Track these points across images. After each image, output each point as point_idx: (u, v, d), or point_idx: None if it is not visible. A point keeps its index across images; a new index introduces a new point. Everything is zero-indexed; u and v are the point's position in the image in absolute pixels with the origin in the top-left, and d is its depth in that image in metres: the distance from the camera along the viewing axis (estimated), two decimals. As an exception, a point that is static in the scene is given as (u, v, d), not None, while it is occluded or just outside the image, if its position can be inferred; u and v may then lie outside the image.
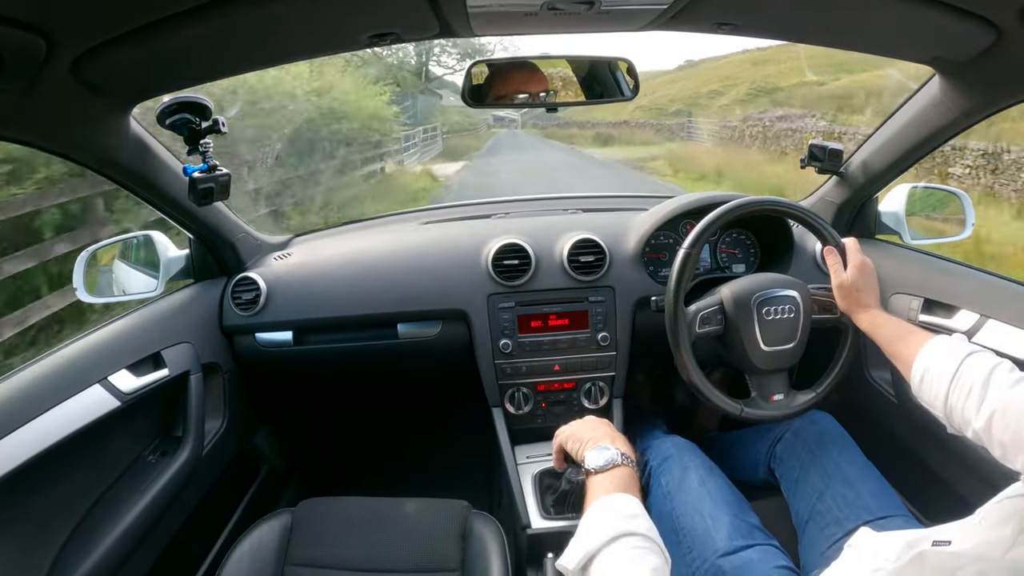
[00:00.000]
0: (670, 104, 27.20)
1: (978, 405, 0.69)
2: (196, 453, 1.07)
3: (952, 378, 0.73)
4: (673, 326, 0.98)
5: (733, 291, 1.00)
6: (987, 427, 0.67)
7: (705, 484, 0.95)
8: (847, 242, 0.96)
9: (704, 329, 1.00)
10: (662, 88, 30.12)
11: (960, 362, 0.74)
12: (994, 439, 0.66)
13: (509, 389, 1.23)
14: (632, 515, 0.62)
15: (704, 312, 1.00)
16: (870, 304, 0.92)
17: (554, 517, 1.08)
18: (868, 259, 0.95)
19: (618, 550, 0.58)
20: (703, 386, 0.98)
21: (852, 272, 0.93)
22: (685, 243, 1.00)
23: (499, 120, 38.37)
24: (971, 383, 0.71)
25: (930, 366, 0.77)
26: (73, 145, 0.82)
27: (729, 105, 21.75)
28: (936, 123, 1.01)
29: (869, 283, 0.93)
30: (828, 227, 1.00)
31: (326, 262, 1.32)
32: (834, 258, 0.96)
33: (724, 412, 0.99)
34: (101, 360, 0.94)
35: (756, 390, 1.01)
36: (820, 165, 1.26)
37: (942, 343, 0.78)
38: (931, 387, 0.76)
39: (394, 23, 0.75)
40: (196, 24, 0.62)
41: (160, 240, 1.20)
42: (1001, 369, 0.70)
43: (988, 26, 0.70)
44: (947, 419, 0.76)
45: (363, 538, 0.97)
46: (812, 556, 0.88)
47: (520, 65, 1.04)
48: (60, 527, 0.86)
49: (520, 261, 1.22)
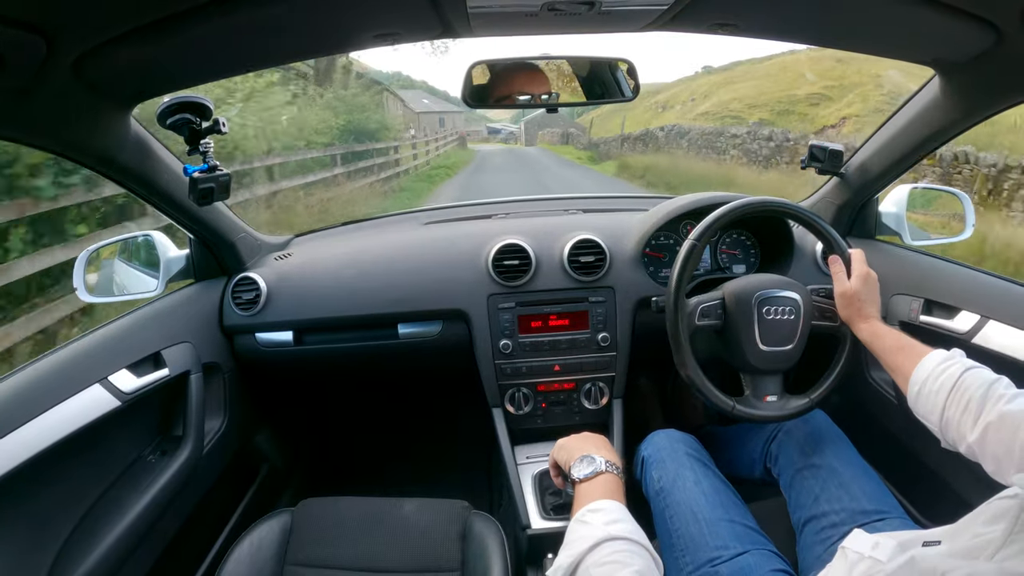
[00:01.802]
0: (748, 112, 16.37)
1: (974, 419, 0.69)
2: (196, 453, 1.07)
3: (950, 392, 0.74)
4: (673, 316, 0.98)
5: (735, 288, 1.00)
6: (981, 440, 0.67)
7: (700, 484, 0.94)
8: (853, 253, 0.97)
9: (703, 322, 1.00)
10: (721, 90, 19.88)
11: (958, 376, 0.74)
12: (988, 453, 0.67)
13: (509, 389, 1.23)
14: (614, 520, 0.63)
15: (705, 305, 1.00)
16: (871, 315, 0.92)
17: (554, 517, 1.08)
18: (873, 272, 0.95)
19: (599, 557, 0.58)
20: (699, 380, 0.98)
21: (856, 282, 0.94)
22: (691, 235, 1.00)
23: (494, 132, 31.50)
24: (968, 398, 0.71)
25: (928, 379, 0.77)
26: (73, 145, 0.82)
27: (855, 117, 12.76)
28: (936, 124, 1.01)
29: (872, 294, 0.94)
30: (835, 235, 1.00)
31: (326, 262, 1.32)
32: (838, 266, 0.97)
33: (716, 408, 0.99)
34: (101, 360, 0.94)
35: (750, 389, 1.01)
36: (820, 166, 1.26)
37: (941, 357, 0.79)
38: (928, 400, 0.77)
39: (395, 23, 0.75)
40: (196, 24, 0.62)
41: (160, 240, 1.20)
42: (999, 385, 0.71)
43: (988, 27, 0.71)
44: (942, 433, 0.76)
45: (363, 538, 0.97)
46: (809, 558, 0.87)
47: (520, 66, 1.04)
48: (60, 526, 0.86)
49: (520, 261, 1.22)
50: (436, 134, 20.85)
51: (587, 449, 0.77)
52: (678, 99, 23.24)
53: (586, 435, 0.83)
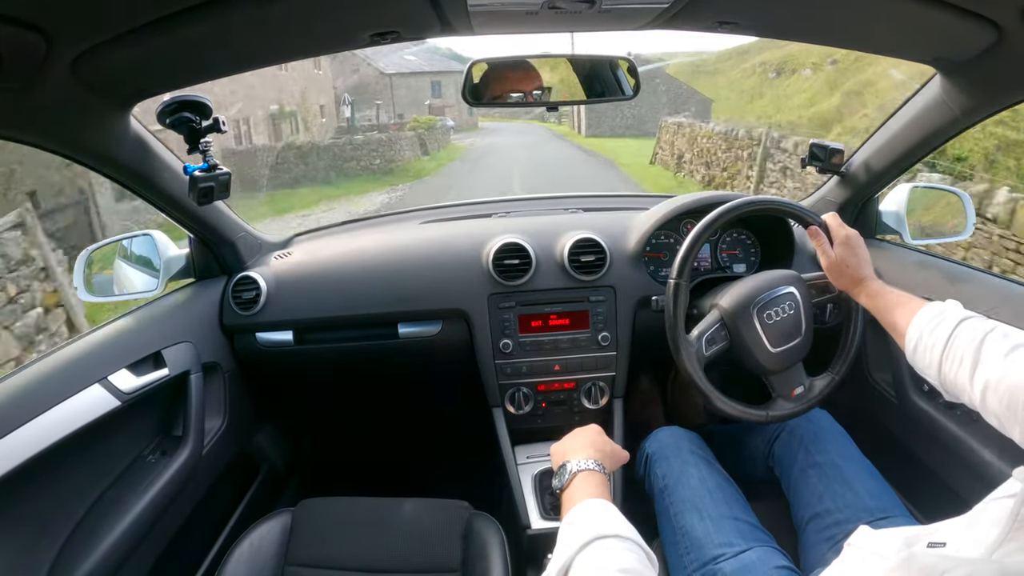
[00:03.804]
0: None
1: (970, 375, 0.67)
2: (196, 453, 1.07)
3: (944, 347, 0.71)
4: (678, 356, 0.98)
5: (730, 303, 1.00)
6: (982, 399, 0.66)
7: (705, 482, 0.94)
8: (827, 218, 0.95)
9: (711, 350, 0.99)
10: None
11: (952, 330, 0.72)
12: (989, 411, 0.65)
13: (509, 389, 1.23)
14: (600, 519, 0.61)
15: (707, 334, 0.99)
16: (863, 276, 0.89)
17: (554, 517, 1.08)
18: (852, 231, 0.92)
19: (587, 558, 0.57)
20: (730, 408, 0.99)
21: (838, 248, 0.91)
22: (672, 274, 1.00)
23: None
24: (963, 352, 0.69)
25: (923, 334, 0.75)
26: (73, 144, 0.82)
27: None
28: (937, 122, 1.01)
29: (858, 255, 0.91)
30: (804, 209, 0.99)
31: (326, 261, 1.32)
32: (819, 239, 0.94)
33: (753, 422, 1.00)
34: (101, 359, 0.93)
35: (775, 389, 1.01)
36: (821, 165, 1.26)
37: (935, 310, 0.76)
38: (924, 355, 0.75)
39: (395, 21, 0.75)
40: (196, 23, 0.61)
41: (160, 239, 1.19)
42: (993, 336, 0.68)
43: (989, 26, 0.70)
44: (942, 387, 0.74)
45: (363, 538, 0.97)
46: (812, 557, 0.87)
47: (520, 64, 1.04)
48: (60, 526, 0.86)
49: (520, 261, 1.22)
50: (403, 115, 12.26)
51: (565, 455, 0.76)
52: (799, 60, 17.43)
53: (574, 433, 0.82)
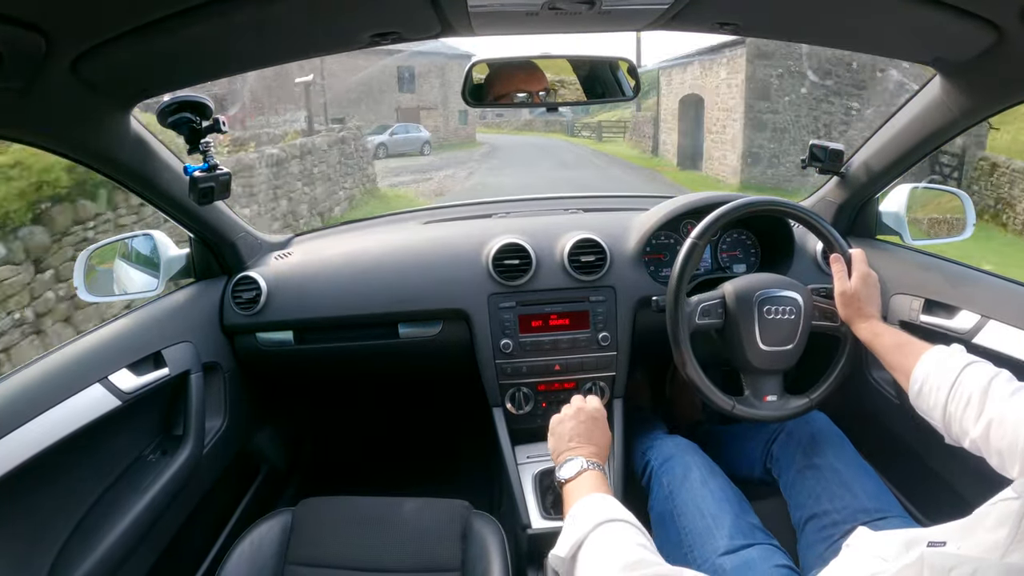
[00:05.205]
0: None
1: (976, 415, 0.69)
2: (196, 452, 1.07)
3: (951, 388, 0.74)
4: (673, 315, 0.98)
5: (736, 287, 1.00)
6: (985, 436, 0.67)
7: (707, 484, 0.95)
8: (854, 253, 0.97)
9: (704, 321, 1.00)
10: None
11: (959, 372, 0.74)
12: (991, 448, 0.67)
13: (510, 389, 1.23)
14: (611, 507, 0.65)
15: (705, 304, 1.00)
16: (871, 314, 0.93)
17: (554, 517, 1.08)
18: (873, 272, 0.95)
19: (604, 533, 0.61)
20: (699, 379, 0.98)
21: (856, 282, 0.94)
22: (692, 234, 1.00)
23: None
24: (970, 393, 0.71)
25: (929, 376, 0.77)
26: (73, 144, 0.82)
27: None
28: (937, 123, 1.01)
29: (872, 294, 0.94)
30: (836, 234, 1.00)
31: (327, 262, 1.32)
32: (839, 265, 0.97)
33: (716, 408, 0.99)
34: (101, 359, 0.94)
35: (750, 389, 1.01)
36: (821, 165, 1.26)
37: (941, 353, 0.79)
38: (929, 397, 0.77)
39: (395, 22, 0.75)
40: (196, 23, 0.61)
41: (161, 239, 1.19)
42: (1000, 379, 0.70)
43: (989, 26, 0.70)
44: (945, 429, 0.76)
45: (363, 538, 0.97)
46: (811, 556, 0.88)
47: (520, 65, 1.04)
48: (61, 526, 0.86)
49: (521, 261, 1.22)
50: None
51: (573, 447, 0.80)
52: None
53: (579, 418, 0.85)
